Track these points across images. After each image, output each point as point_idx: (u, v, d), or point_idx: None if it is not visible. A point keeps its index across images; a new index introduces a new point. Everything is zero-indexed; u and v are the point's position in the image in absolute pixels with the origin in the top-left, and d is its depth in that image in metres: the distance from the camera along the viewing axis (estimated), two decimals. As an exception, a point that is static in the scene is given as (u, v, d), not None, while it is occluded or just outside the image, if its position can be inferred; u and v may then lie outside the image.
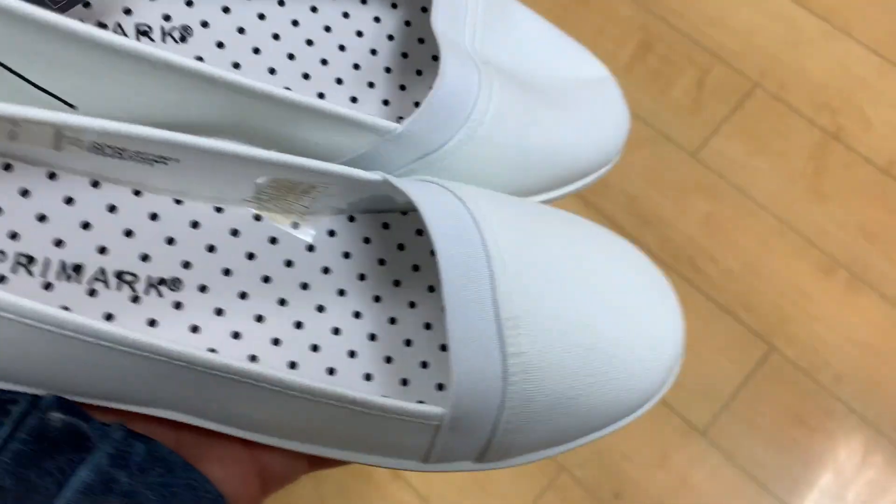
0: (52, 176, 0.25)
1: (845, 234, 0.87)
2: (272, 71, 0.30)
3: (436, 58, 0.32)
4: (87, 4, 0.27)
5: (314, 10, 0.30)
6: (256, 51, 0.30)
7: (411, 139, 0.28)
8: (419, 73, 0.33)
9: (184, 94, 0.24)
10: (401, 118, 0.28)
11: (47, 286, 0.24)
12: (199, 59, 0.28)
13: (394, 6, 0.32)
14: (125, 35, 0.27)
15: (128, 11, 0.28)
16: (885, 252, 0.86)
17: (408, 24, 0.32)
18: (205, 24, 0.28)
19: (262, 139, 0.27)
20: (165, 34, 0.27)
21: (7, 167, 0.24)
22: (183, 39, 0.28)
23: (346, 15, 0.31)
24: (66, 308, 0.24)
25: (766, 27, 0.97)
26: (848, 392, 0.81)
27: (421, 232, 0.30)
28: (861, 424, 0.79)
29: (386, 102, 0.32)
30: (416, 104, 0.31)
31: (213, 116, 0.25)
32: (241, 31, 0.30)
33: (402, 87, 0.32)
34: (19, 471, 0.22)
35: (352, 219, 0.29)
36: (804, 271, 0.86)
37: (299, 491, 0.76)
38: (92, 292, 0.25)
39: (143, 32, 0.27)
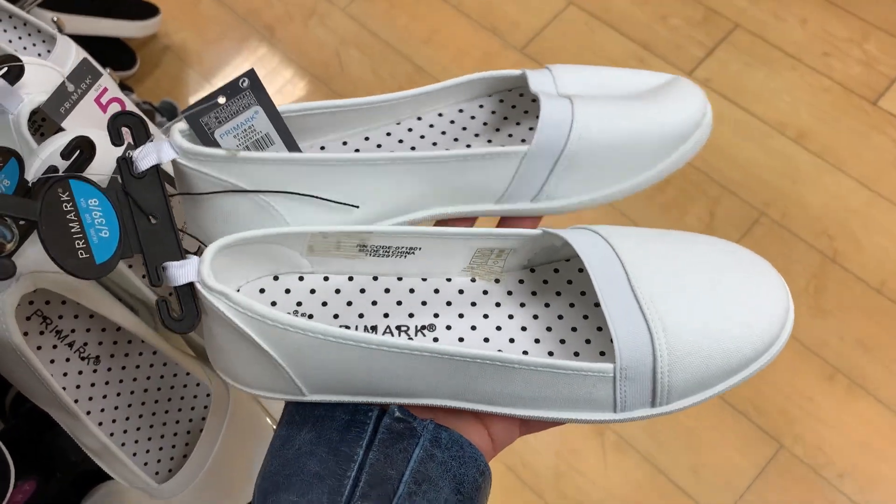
0: (350, 279, 0.40)
1: (844, 346, 0.97)
2: (434, 144, 0.45)
3: (519, 123, 0.46)
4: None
5: (440, 115, 0.46)
6: (422, 136, 0.45)
7: (540, 152, 0.39)
8: (510, 136, 0.46)
9: (400, 177, 0.38)
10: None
11: None
12: (413, 148, 0.45)
13: (480, 106, 0.46)
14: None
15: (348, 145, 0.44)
16: (879, 361, 0.95)
17: (493, 112, 0.46)
18: (388, 134, 0.45)
19: (451, 190, 0.40)
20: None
21: (326, 279, 0.40)
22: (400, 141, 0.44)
23: (461, 111, 0.46)
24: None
25: (768, 163, 1.09)
26: (850, 487, 0.89)
27: (569, 260, 0.43)
28: (864, 517, 0.87)
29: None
30: (523, 141, 0.45)
31: (419, 189, 0.39)
32: (422, 137, 0.45)
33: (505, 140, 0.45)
34: (384, 450, 0.35)
35: (532, 270, 0.42)
36: (808, 378, 0.95)
37: None
38: None
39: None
